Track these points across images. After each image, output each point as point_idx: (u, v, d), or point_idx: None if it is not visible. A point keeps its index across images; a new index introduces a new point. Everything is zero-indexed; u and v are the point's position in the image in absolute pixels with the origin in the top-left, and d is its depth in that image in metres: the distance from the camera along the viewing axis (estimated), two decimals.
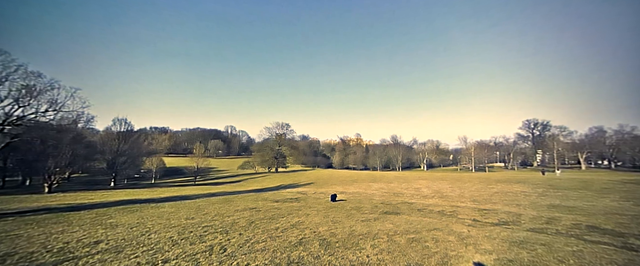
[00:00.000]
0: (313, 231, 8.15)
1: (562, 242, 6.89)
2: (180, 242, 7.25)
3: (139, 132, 78.79)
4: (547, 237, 7.72)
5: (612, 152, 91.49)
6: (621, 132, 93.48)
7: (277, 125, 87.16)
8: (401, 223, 9.33)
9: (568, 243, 6.73)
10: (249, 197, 20.67)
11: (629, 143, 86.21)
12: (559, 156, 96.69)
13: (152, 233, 8.41)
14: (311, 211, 12.20)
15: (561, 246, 6.45)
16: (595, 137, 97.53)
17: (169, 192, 29.95)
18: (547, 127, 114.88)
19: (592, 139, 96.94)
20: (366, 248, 6.33)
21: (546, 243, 6.61)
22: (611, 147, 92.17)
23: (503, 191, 23.81)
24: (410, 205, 15.27)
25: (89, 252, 6.49)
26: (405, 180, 39.07)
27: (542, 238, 7.36)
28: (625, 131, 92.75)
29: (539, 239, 7.16)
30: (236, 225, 9.54)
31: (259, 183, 47.46)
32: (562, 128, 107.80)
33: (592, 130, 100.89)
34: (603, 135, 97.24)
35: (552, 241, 6.96)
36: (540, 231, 8.83)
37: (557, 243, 6.66)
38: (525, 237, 7.39)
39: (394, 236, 7.38)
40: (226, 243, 7.09)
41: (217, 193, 26.29)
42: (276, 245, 6.84)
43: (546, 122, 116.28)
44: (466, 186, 29.42)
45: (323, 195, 21.71)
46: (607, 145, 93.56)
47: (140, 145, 63.80)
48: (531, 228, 9.40)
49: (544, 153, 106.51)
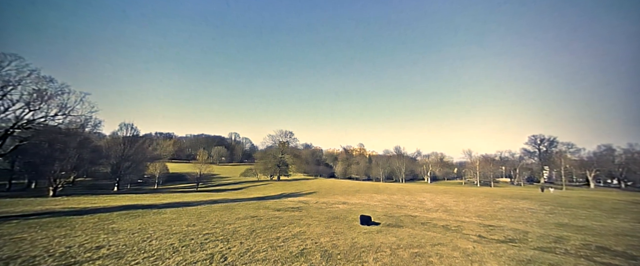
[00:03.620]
0: (314, 242, 8.05)
1: (572, 263, 6.68)
2: (181, 249, 7.21)
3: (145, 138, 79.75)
4: (555, 257, 7.50)
5: (622, 171, 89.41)
6: (631, 151, 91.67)
7: (281, 133, 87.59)
8: (404, 237, 9.16)
9: (577, 265, 6.53)
10: (250, 204, 20.55)
11: (639, 163, 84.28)
12: (567, 173, 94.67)
13: (153, 240, 8.38)
14: (313, 222, 12.06)
15: None
16: (604, 155, 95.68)
17: (171, 198, 29.95)
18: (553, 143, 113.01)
19: (601, 157, 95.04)
20: (369, 262, 6.22)
21: (555, 264, 6.42)
22: (620, 166, 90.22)
23: (509, 207, 23.30)
24: (414, 219, 15.01)
25: (91, 257, 6.48)
26: (409, 192, 38.53)
27: (550, 258, 7.15)
28: (635, 150, 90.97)
29: (547, 258, 6.96)
30: (237, 233, 9.47)
31: (261, 191, 47.21)
32: (569, 145, 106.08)
33: (600, 148, 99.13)
34: (612, 154, 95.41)
35: (560, 261, 6.76)
36: (548, 250, 8.59)
37: (566, 264, 6.46)
38: (533, 256, 7.19)
39: (397, 250, 7.24)
40: (227, 251, 7.03)
41: (219, 200, 26.19)
42: (277, 255, 6.75)
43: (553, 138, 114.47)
44: (471, 200, 28.88)
45: (325, 205, 21.48)
46: (616, 164, 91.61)
47: (144, 150, 64.35)
48: (539, 247, 9.15)
49: (550, 169, 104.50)
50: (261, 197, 33.77)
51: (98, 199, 26.56)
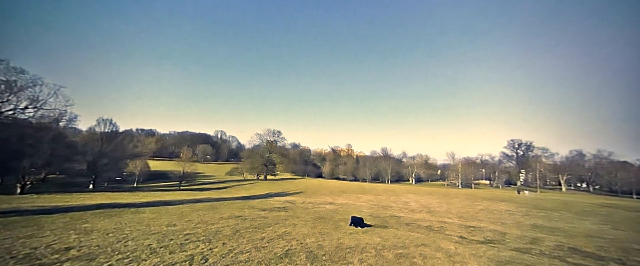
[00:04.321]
0: (300, 243, 7.94)
1: (547, 263, 6.96)
2: (159, 250, 6.89)
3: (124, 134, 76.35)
4: (531, 258, 7.80)
5: (591, 175, 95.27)
6: (599, 157, 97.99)
7: (269, 132, 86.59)
8: (389, 237, 9.23)
9: (552, 265, 6.80)
10: (235, 204, 20.11)
11: (606, 168, 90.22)
12: (541, 177, 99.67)
13: (129, 240, 7.97)
14: (299, 222, 11.94)
15: None
16: (575, 160, 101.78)
17: (152, 196, 28.84)
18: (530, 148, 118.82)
19: (572, 162, 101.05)
20: (354, 263, 6.19)
21: (532, 265, 6.65)
22: (590, 170, 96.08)
23: (488, 209, 24.15)
24: (399, 219, 15.21)
25: (58, 259, 6.06)
26: (394, 193, 39.15)
27: (526, 259, 7.42)
28: (603, 156, 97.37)
29: (524, 259, 7.22)
30: (220, 233, 9.19)
31: (247, 191, 46.41)
32: (544, 150, 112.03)
33: (572, 153, 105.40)
34: (582, 159, 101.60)
35: (536, 262, 7.03)
36: (524, 251, 8.93)
37: (541, 265, 6.72)
38: (511, 257, 7.43)
39: (382, 251, 7.27)
40: (208, 253, 6.79)
41: (203, 199, 25.47)
42: (261, 256, 6.59)
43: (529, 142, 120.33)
44: (453, 202, 29.71)
45: (312, 205, 21.38)
46: (586, 169, 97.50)
47: (124, 147, 61.65)
48: (516, 247, 9.50)
49: (527, 173, 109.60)
50: (247, 197, 33.17)
51: (71, 197, 25.12)
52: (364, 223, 10.97)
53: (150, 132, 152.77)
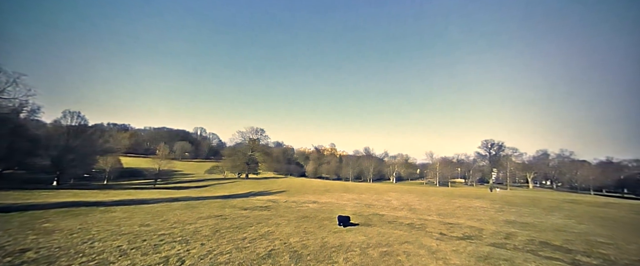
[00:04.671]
0: (283, 243, 7.71)
1: (521, 258, 7.25)
2: (130, 252, 6.37)
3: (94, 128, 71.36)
4: (507, 252, 8.12)
5: (554, 173, 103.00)
6: (562, 156, 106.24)
7: (251, 130, 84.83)
8: (373, 235, 9.24)
9: (527, 259, 7.11)
10: (215, 203, 19.40)
11: (568, 167, 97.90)
12: (511, 175, 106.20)
13: (96, 241, 7.33)
14: (282, 221, 11.68)
15: (521, 262, 6.78)
16: (541, 159, 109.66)
17: (124, 194, 27.19)
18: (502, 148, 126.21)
19: (539, 161, 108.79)
20: (339, 262, 6.08)
21: (508, 259, 6.90)
22: (554, 168, 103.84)
23: (465, 206, 25.18)
24: (382, 217, 15.39)
25: (11, 262, 5.40)
26: (377, 192, 39.81)
27: (503, 254, 7.71)
28: (565, 155, 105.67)
29: (501, 254, 7.48)
30: (198, 233, 8.73)
31: (228, 189, 45.17)
32: (514, 150, 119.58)
33: (539, 153, 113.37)
34: (547, 158, 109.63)
35: (512, 256, 7.31)
36: (500, 246, 9.30)
37: (517, 259, 6.99)
38: (489, 252, 7.68)
39: (366, 249, 7.23)
40: (185, 254, 6.38)
41: (180, 198, 24.36)
42: (242, 257, 6.29)
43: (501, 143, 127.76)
44: (432, 199, 30.71)
45: (295, 204, 21.13)
46: (550, 167, 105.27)
47: (94, 142, 57.57)
48: (492, 243, 9.88)
49: (498, 171, 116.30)
50: (227, 196, 32.23)
51: (31, 195, 23.02)
52: (349, 222, 10.87)
53: (123, 126, 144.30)
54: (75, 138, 48.22)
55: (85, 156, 50.84)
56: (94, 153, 55.11)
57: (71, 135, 47.89)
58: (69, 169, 47.20)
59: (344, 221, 10.42)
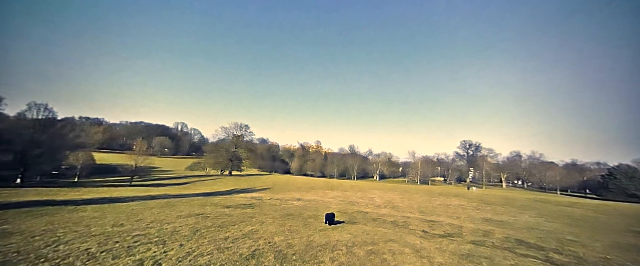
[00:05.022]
0: (268, 242, 7.48)
1: (500, 255, 7.50)
2: (100, 256, 5.90)
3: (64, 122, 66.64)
4: (486, 250, 8.40)
5: (525, 174, 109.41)
6: (533, 158, 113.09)
7: (235, 126, 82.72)
8: (359, 234, 9.23)
9: (505, 257, 7.36)
10: (196, 201, 18.69)
11: (538, 168, 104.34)
12: (487, 175, 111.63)
13: (61, 244, 6.74)
14: (266, 219, 11.41)
15: (500, 260, 7.00)
16: (514, 160, 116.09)
17: (96, 192, 25.58)
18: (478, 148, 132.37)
19: (512, 162, 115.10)
20: (325, 262, 5.96)
21: (488, 257, 7.11)
22: (525, 169, 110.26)
23: (445, 204, 26.03)
24: (366, 215, 15.50)
25: None
26: (360, 190, 40.25)
27: (484, 252, 7.95)
28: (535, 157, 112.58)
29: (482, 252, 7.70)
30: (177, 233, 8.29)
31: (210, 187, 43.84)
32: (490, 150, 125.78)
33: (512, 154, 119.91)
34: (520, 159, 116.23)
35: (492, 255, 7.54)
36: (480, 243, 9.62)
37: (497, 257, 7.22)
38: (470, 250, 7.89)
39: (352, 248, 7.17)
40: (161, 256, 6.00)
41: (158, 195, 23.27)
42: (224, 258, 6.01)
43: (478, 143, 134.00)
44: (414, 197, 31.49)
45: (280, 201, 20.83)
46: (522, 168, 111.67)
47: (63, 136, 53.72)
48: (472, 240, 10.20)
49: (475, 171, 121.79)
50: (209, 193, 31.27)
51: None
52: (334, 220, 10.79)
53: (96, 120, 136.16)
54: (42, 132, 44.71)
55: (54, 151, 47.35)
56: (63, 149, 51.47)
57: (37, 128, 44.33)
58: (34, 165, 43.77)
59: (330, 219, 10.31)
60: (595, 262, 7.98)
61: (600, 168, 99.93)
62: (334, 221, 10.37)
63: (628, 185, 64.94)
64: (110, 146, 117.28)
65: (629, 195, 63.75)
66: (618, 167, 70.79)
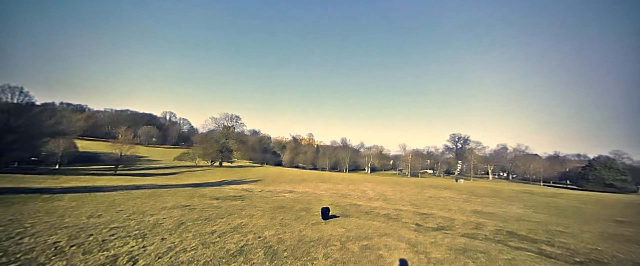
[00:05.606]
0: (258, 237, 7.05)
1: (495, 249, 7.36)
2: (68, 250, 5.32)
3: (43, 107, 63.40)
4: (481, 243, 8.26)
5: (511, 166, 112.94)
6: (518, 150, 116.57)
7: (226, 117, 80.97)
8: (352, 227, 8.93)
9: (501, 251, 7.21)
10: (183, 192, 18.03)
11: (522, 160, 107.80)
12: (474, 167, 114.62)
13: (27, 236, 6.10)
14: (256, 212, 10.96)
15: (496, 254, 6.83)
16: (500, 152, 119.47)
17: (77, 181, 24.47)
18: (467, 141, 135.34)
19: (498, 154, 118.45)
20: (318, 258, 5.59)
21: (484, 251, 6.93)
22: (510, 161, 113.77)
23: (435, 196, 26.30)
24: (358, 208, 15.30)
25: None
26: (352, 182, 40.34)
27: (479, 245, 7.80)
28: (520, 150, 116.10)
29: (477, 246, 7.54)
30: (160, 226, 7.74)
31: (198, 178, 42.94)
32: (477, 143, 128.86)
33: (498, 147, 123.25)
34: (505, 152, 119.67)
35: (487, 248, 7.38)
36: (473, 237, 9.52)
37: (492, 251, 7.06)
38: (465, 244, 7.72)
39: (346, 243, 6.84)
40: (139, 252, 5.47)
41: (144, 185, 22.43)
42: (209, 254, 5.55)
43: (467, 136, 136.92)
44: (405, 190, 31.74)
45: (271, 194, 20.42)
46: (508, 160, 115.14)
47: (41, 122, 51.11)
48: (465, 233, 10.11)
49: (462, 163, 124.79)
50: (198, 184, 30.54)
51: None
52: (329, 214, 10.34)
53: (79, 107, 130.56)
54: (18, 117, 42.23)
55: (31, 138, 44.96)
56: (42, 135, 49.01)
57: (12, 113, 41.81)
58: (9, 152, 41.51)
59: (325, 215, 9.89)
60: (586, 253, 7.98)
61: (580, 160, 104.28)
62: (328, 216, 9.98)
63: (606, 176, 68.07)
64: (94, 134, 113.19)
65: (606, 185, 66.94)
66: (598, 158, 73.83)
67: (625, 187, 66.18)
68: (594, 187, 66.71)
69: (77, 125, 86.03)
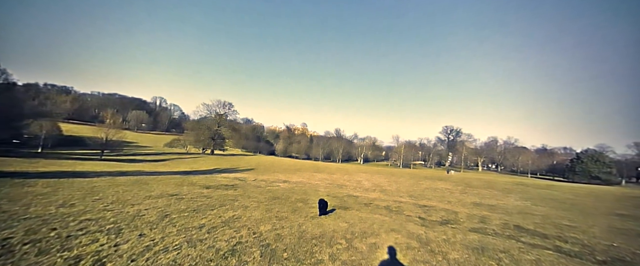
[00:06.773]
0: (252, 232, 6.22)
1: (515, 248, 6.76)
2: (19, 249, 4.35)
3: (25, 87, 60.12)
4: (493, 239, 7.69)
5: (500, 158, 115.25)
6: (508, 143, 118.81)
7: (219, 104, 78.70)
8: (355, 221, 8.21)
9: (521, 250, 6.61)
10: (172, 179, 16.99)
11: (512, 152, 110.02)
12: (465, 159, 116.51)
13: None
14: (250, 203, 10.12)
15: (516, 253, 6.23)
16: (491, 145, 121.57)
17: (58, 165, 23.01)
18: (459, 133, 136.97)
19: (489, 146, 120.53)
20: (324, 261, 4.80)
21: (504, 251, 6.32)
22: (500, 154, 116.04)
23: (431, 187, 26.03)
24: (356, 199, 14.67)
25: None
26: (347, 172, 39.92)
27: (491, 242, 7.22)
28: (510, 142, 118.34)
29: (494, 244, 6.94)
30: (140, 219, 6.80)
31: (189, 165, 41.73)
32: (469, 136, 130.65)
33: (489, 139, 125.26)
34: (496, 144, 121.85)
35: (506, 247, 6.78)
36: (482, 232, 8.96)
37: (512, 250, 6.45)
38: (480, 241, 7.12)
39: (352, 241, 6.09)
40: (110, 252, 4.55)
41: (130, 172, 21.23)
42: (195, 255, 4.67)
43: (459, 129, 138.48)
44: (400, 181, 31.46)
45: (265, 183, 19.60)
46: (497, 153, 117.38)
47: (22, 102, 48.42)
48: (473, 228, 9.54)
49: (453, 155, 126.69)
50: (188, 171, 29.48)
51: None
52: (327, 209, 9.38)
53: (64, 89, 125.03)
54: None
55: (10, 119, 42.51)
56: (22, 117, 46.49)
57: None
58: None
59: (323, 209, 8.97)
60: (604, 251, 7.50)
61: (567, 153, 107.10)
62: (326, 211, 9.14)
63: (593, 168, 69.98)
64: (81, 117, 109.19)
65: (593, 177, 68.94)
66: (585, 151, 75.64)
67: (610, 179, 68.26)
68: (581, 179, 68.57)
69: (62, 107, 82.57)
